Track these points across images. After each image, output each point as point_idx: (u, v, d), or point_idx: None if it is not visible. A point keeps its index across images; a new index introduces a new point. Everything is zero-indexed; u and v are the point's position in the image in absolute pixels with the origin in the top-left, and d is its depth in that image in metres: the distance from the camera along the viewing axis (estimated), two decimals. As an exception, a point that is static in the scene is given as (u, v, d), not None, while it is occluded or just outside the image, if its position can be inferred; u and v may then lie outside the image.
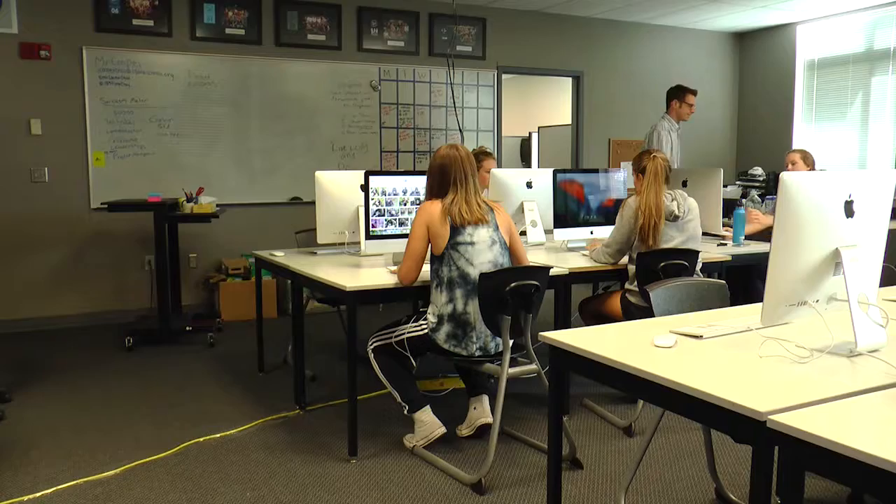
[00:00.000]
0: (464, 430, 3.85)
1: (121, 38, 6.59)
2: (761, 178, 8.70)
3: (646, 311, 2.99)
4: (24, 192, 6.38)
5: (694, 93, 6.72)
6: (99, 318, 6.64)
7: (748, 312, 2.53)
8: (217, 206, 6.11)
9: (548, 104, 11.42)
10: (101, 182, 6.59)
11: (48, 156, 6.43)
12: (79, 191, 6.56)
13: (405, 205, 4.08)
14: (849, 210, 2.03)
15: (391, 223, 4.04)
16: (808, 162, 5.73)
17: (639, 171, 4.10)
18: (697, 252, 3.99)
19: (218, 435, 3.93)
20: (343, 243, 4.52)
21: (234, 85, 7.01)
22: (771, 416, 1.57)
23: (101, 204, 6.15)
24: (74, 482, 3.38)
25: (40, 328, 6.44)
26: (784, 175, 1.93)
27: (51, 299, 6.55)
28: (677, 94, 6.70)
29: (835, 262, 2.05)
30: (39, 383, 4.91)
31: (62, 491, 3.29)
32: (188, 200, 5.99)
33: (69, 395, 4.67)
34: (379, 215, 4.01)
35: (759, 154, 9.37)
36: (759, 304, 2.08)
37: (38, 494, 3.26)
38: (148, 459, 3.62)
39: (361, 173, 4.09)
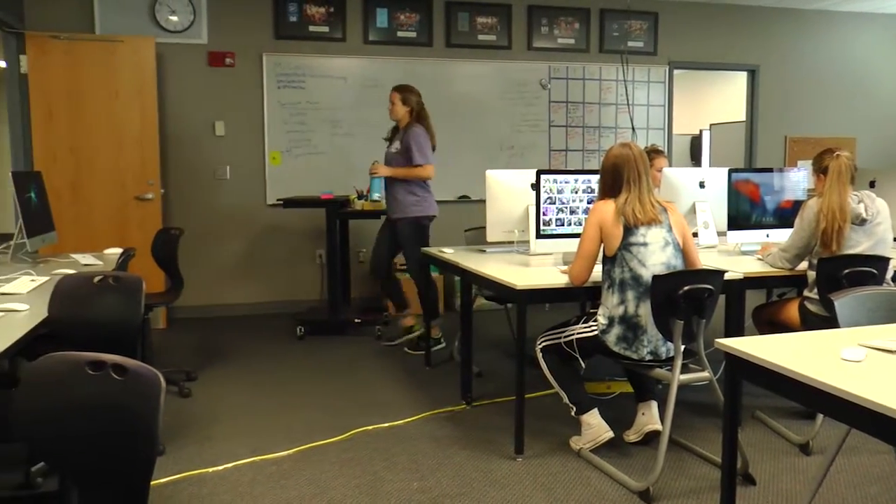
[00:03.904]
0: (631, 436, 3.77)
1: (297, 44, 6.94)
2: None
3: (827, 321, 2.83)
4: (209, 189, 6.86)
5: None
6: (273, 307, 7.03)
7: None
8: (387, 203, 6.28)
9: (720, 100, 11.01)
10: (277, 180, 6.97)
11: (230, 155, 6.89)
12: (256, 188, 6.97)
13: (576, 192, 4.07)
14: None
15: (562, 211, 4.06)
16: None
17: (820, 171, 3.87)
18: (888, 259, 3.72)
19: (386, 424, 4.06)
20: (512, 242, 4.54)
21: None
22: (982, 442, 1.45)
23: (277, 200, 6.52)
24: (252, 459, 3.60)
25: (220, 314, 6.90)
26: None
27: (230, 288, 7.00)
28: None
29: None
30: (220, 365, 5.27)
31: (241, 466, 3.52)
32: (359, 198, 6.22)
33: (247, 377, 4.98)
34: (550, 203, 4.02)
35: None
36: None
37: (220, 468, 3.50)
38: (319, 443, 3.80)
39: (531, 172, 4.10)
